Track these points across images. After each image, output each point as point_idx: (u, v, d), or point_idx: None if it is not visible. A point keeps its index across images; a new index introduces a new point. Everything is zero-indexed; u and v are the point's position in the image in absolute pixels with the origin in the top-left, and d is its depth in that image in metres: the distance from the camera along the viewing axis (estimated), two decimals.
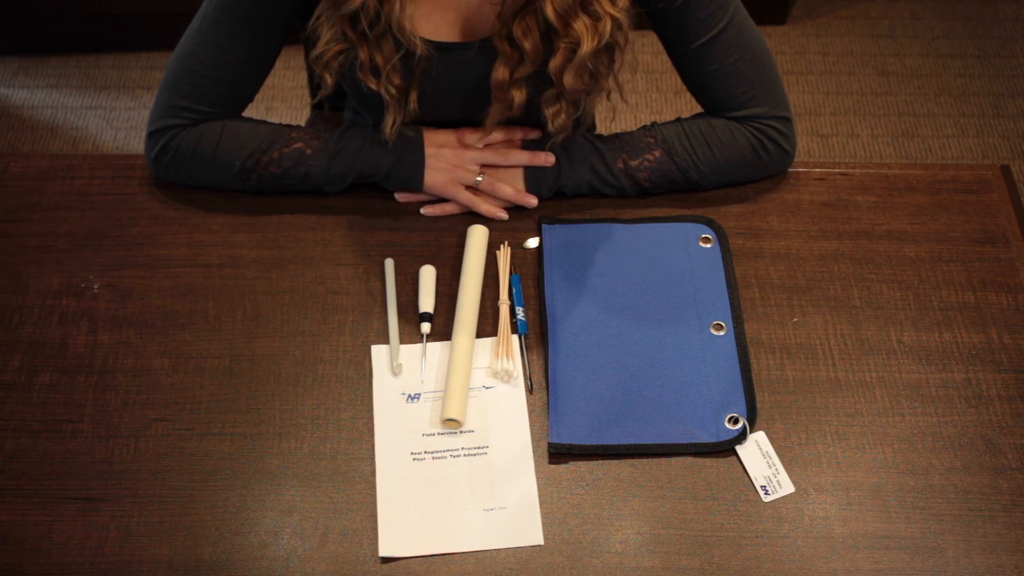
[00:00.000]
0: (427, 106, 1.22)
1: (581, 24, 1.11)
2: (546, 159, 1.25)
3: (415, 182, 1.26)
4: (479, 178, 1.26)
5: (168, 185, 1.29)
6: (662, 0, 1.16)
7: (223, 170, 1.24)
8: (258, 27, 1.18)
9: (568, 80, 1.15)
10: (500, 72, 1.16)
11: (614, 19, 1.12)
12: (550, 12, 1.10)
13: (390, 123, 1.20)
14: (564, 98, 1.19)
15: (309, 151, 1.24)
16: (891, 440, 1.10)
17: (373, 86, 1.17)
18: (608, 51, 1.17)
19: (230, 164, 1.24)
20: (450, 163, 1.26)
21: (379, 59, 1.15)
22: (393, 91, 1.17)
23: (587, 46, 1.12)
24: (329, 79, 1.18)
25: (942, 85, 2.60)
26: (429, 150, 1.26)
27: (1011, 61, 2.65)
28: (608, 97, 1.24)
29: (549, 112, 1.20)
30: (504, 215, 1.27)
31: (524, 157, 1.26)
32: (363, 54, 1.14)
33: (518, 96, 1.18)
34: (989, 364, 1.16)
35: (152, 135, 1.25)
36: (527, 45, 1.13)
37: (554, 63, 1.15)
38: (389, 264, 1.22)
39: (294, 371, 1.15)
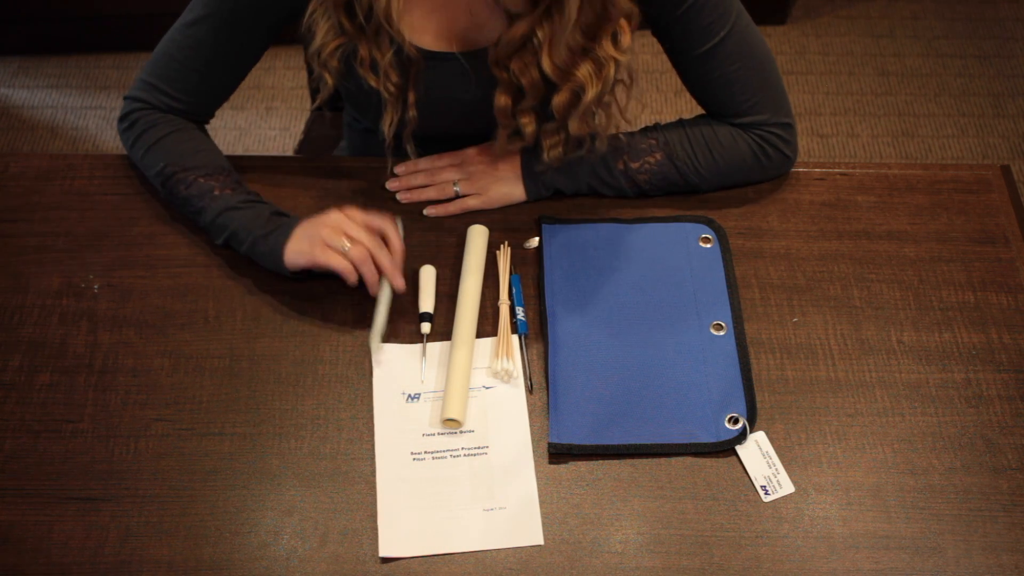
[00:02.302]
0: (427, 114, 1.21)
1: (584, 71, 1.10)
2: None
3: (277, 251, 1.15)
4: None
5: None
6: (664, 12, 1.16)
7: (152, 164, 1.24)
8: (239, 28, 1.19)
9: (574, 126, 1.15)
10: (502, 100, 1.16)
11: (617, 61, 1.11)
12: (548, 67, 1.09)
13: (388, 122, 1.20)
14: (564, 131, 1.18)
15: (216, 192, 1.21)
16: (891, 440, 1.10)
17: (373, 83, 1.17)
18: (612, 90, 1.16)
19: (157, 161, 1.24)
20: (324, 225, 1.14)
21: (377, 55, 1.15)
22: (392, 88, 1.17)
23: (592, 92, 1.11)
24: (329, 79, 1.17)
25: (942, 85, 2.60)
26: (302, 224, 1.16)
27: (1011, 61, 2.65)
28: (617, 130, 1.23)
29: (547, 143, 1.20)
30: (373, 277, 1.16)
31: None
32: (363, 50, 1.14)
33: (528, 124, 1.17)
34: (989, 364, 1.16)
35: (124, 100, 1.28)
36: (524, 81, 1.13)
37: (557, 100, 1.14)
38: (398, 223, 1.20)
39: (294, 371, 1.15)
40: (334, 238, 1.13)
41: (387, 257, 1.14)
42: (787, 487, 1.07)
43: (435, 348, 1.16)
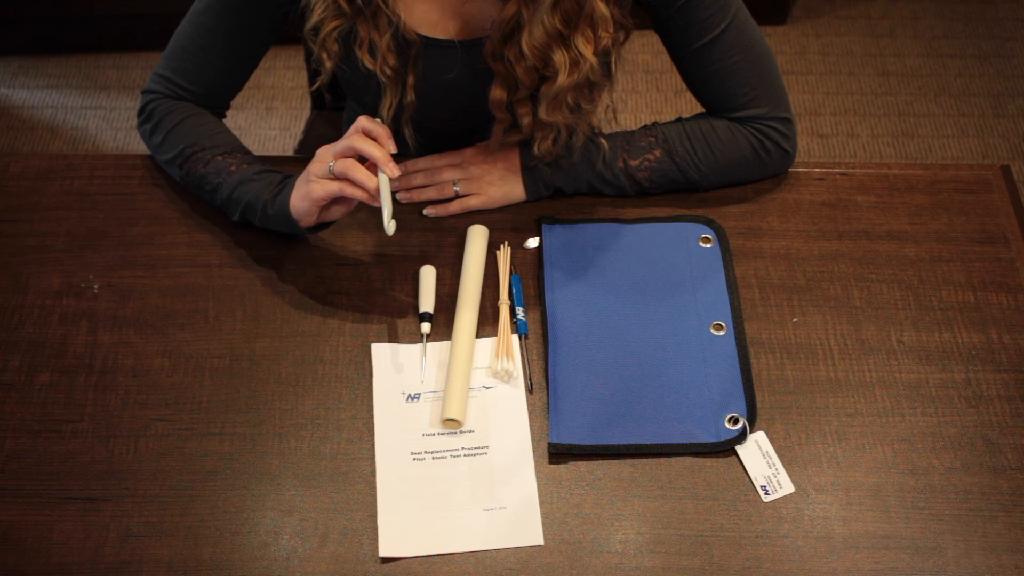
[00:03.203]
0: (426, 100, 1.21)
1: (560, 57, 1.10)
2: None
3: (284, 208, 1.16)
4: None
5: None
6: (664, 5, 1.16)
7: (171, 147, 1.25)
8: (246, 16, 1.20)
9: (542, 110, 1.15)
10: (497, 92, 1.16)
11: (591, 63, 1.11)
12: (527, 47, 1.09)
13: (386, 106, 1.20)
14: (556, 126, 1.18)
15: (233, 168, 1.22)
16: (891, 440, 1.10)
17: (370, 66, 1.17)
18: (590, 87, 1.16)
19: (177, 144, 1.25)
20: (311, 163, 1.14)
21: (375, 36, 1.15)
22: (389, 72, 1.17)
23: (563, 79, 1.11)
24: (327, 60, 1.17)
25: (942, 85, 2.60)
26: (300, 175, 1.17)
27: (1011, 61, 2.65)
28: (596, 129, 1.23)
29: (538, 135, 1.20)
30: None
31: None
32: (362, 31, 1.15)
33: (525, 116, 1.17)
34: (989, 364, 1.16)
35: (141, 95, 1.29)
36: (518, 70, 1.13)
37: (544, 90, 1.14)
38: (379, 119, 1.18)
39: (294, 371, 1.15)
40: (319, 168, 1.12)
41: (373, 147, 1.10)
42: (787, 487, 1.07)
43: (435, 348, 1.16)
